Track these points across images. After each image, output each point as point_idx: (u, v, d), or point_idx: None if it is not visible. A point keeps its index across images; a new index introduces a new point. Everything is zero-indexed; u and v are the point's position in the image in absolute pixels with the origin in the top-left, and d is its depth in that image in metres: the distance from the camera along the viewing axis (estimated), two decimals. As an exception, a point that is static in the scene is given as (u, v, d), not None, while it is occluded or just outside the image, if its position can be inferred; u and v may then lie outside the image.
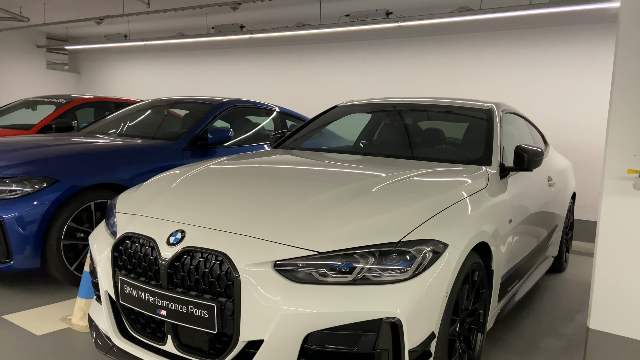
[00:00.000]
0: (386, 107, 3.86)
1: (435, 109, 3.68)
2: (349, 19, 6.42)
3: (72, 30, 10.62)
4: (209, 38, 7.88)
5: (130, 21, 8.83)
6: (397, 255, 1.85)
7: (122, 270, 2.12)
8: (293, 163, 2.98)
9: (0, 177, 3.25)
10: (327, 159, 3.13)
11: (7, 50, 11.21)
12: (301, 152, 3.35)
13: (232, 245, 1.88)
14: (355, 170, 2.76)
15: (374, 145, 3.69)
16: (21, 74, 11.49)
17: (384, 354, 1.76)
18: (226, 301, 1.84)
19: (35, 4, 8.12)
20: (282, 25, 7.36)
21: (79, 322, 2.84)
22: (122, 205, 2.44)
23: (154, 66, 10.84)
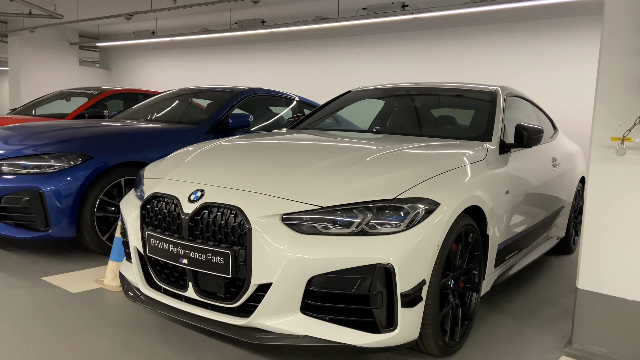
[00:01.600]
0: (396, 91, 4.05)
1: (444, 92, 3.86)
2: (366, 12, 6.61)
3: (103, 27, 11.11)
4: (232, 33, 8.19)
5: (157, 18, 9.22)
6: (392, 210, 2.06)
7: (149, 227, 2.38)
8: (302, 139, 3.22)
9: (39, 153, 3.57)
10: (335, 136, 3.35)
11: (42, 47, 11.79)
12: (312, 131, 3.58)
13: (244, 200, 2.12)
14: (359, 144, 2.97)
15: (382, 125, 3.89)
16: (55, 70, 12.06)
17: (378, 295, 1.97)
18: (239, 249, 2.08)
19: (69, 2, 8.57)
20: (301, 20, 7.61)
21: (111, 282, 3.13)
22: (149, 173, 2.71)
23: (180, 61, 11.24)
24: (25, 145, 3.67)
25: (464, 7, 5.94)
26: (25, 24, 10.92)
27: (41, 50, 11.77)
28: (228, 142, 2.97)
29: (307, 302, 2.03)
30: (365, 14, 6.59)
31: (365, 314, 1.99)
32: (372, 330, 2.00)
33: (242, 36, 8.82)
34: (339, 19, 6.85)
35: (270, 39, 9.12)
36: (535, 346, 2.55)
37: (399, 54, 7.66)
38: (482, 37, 6.97)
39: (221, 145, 2.90)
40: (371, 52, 7.95)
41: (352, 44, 8.21)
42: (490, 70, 6.91)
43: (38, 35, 11.52)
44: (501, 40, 6.86)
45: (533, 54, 6.68)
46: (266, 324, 2.06)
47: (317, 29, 7.71)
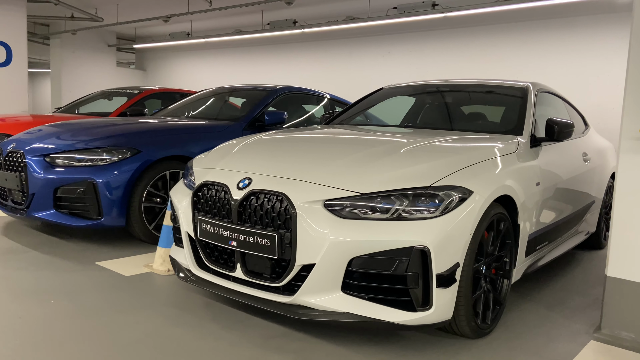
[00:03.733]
0: (428, 87, 4.17)
1: (474, 89, 3.96)
2: (396, 12, 6.73)
3: (140, 30, 11.52)
4: (265, 34, 8.42)
5: (192, 20, 9.54)
6: (428, 197, 2.20)
7: (200, 212, 2.58)
8: (337, 133, 3.38)
9: (92, 147, 3.83)
10: (368, 130, 3.49)
11: (82, 49, 12.31)
12: (346, 126, 3.74)
13: (289, 187, 2.30)
14: (392, 137, 3.11)
15: (414, 121, 4.01)
16: (94, 71, 12.58)
17: (414, 276, 2.11)
18: (285, 232, 2.25)
19: (109, 5, 8.96)
20: (332, 20, 7.77)
21: (159, 267, 3.35)
22: (197, 164, 2.92)
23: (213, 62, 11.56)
24: (78, 140, 3.94)
25: (495, 5, 6.00)
26: (67, 27, 11.43)
27: (81, 52, 12.29)
28: (268, 136, 3.16)
29: (347, 281, 2.19)
30: (395, 14, 6.70)
31: (402, 293, 2.14)
32: (408, 308, 2.14)
33: (274, 37, 9.05)
34: (369, 19, 6.99)
35: (301, 39, 9.33)
36: (565, 331, 2.64)
37: (429, 52, 7.75)
38: (512, 34, 6.99)
39: (262, 138, 3.09)
40: (401, 51, 8.06)
41: (381, 43, 8.34)
42: (520, 68, 6.93)
43: (78, 38, 12.04)
44: (531, 38, 6.87)
45: (564, 52, 6.67)
46: (309, 302, 2.22)
47: (347, 29, 7.86)
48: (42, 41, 13.54)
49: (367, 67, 8.45)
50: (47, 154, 3.81)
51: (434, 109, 4.03)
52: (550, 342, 2.52)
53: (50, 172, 3.72)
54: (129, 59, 15.78)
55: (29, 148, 3.89)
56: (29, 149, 3.87)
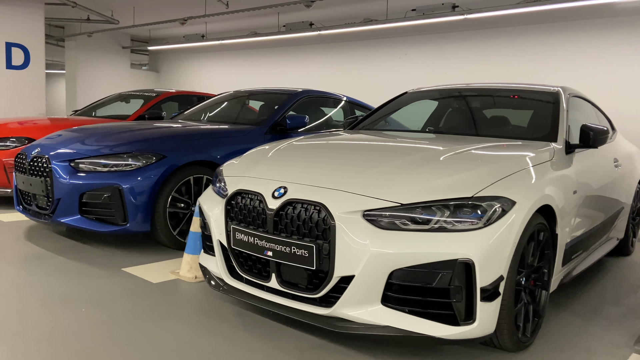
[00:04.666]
0: (454, 92, 4.12)
1: (503, 93, 3.90)
2: (415, 13, 6.67)
3: (154, 31, 11.55)
4: (281, 36, 8.39)
5: (207, 22, 9.54)
6: (470, 208, 2.15)
7: (233, 221, 2.55)
8: (367, 139, 3.34)
9: (117, 152, 3.82)
10: (399, 136, 3.45)
11: (97, 51, 12.37)
12: (373, 131, 3.70)
13: (327, 197, 2.26)
14: (427, 144, 3.06)
15: (443, 126, 3.96)
16: (108, 73, 12.64)
17: (458, 289, 2.07)
18: (323, 243, 2.21)
19: (125, 8, 8.98)
20: (349, 22, 7.73)
21: (186, 274, 3.33)
22: (228, 171, 2.89)
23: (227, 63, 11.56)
24: (103, 145, 3.93)
25: (517, 7, 5.92)
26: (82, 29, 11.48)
27: (95, 54, 12.35)
28: (300, 142, 3.12)
29: (387, 294, 2.14)
30: (414, 15, 6.65)
31: (445, 307, 2.09)
32: (451, 322, 2.09)
33: (289, 39, 9.02)
34: (387, 21, 6.94)
35: (317, 41, 9.29)
36: (605, 343, 2.58)
37: (447, 54, 7.68)
38: (533, 37, 6.91)
39: (294, 145, 3.05)
40: (417, 53, 8.00)
41: (398, 45, 8.28)
42: (541, 70, 6.84)
43: (93, 40, 12.10)
44: (553, 40, 6.78)
45: (586, 54, 6.58)
46: (348, 314, 2.18)
47: (363, 31, 7.82)
48: (57, 43, 13.63)
49: (383, 70, 8.40)
50: (73, 159, 3.80)
51: (460, 114, 3.98)
52: (592, 355, 2.46)
53: (75, 178, 3.71)
54: (142, 60, 15.84)
55: (54, 153, 3.88)
56: (54, 154, 3.87)
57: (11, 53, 8.24)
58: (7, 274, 3.26)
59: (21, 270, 3.35)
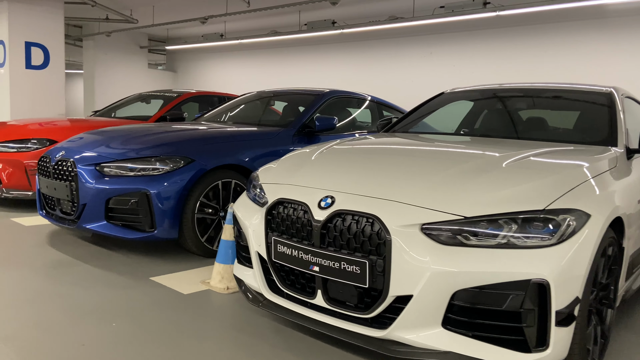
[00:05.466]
0: (495, 92, 3.90)
1: (550, 94, 3.68)
2: (443, 10, 6.45)
3: (172, 31, 11.45)
4: (302, 35, 8.21)
5: (226, 21, 9.39)
6: (542, 222, 1.95)
7: (274, 232, 2.38)
8: (412, 143, 3.14)
9: (144, 156, 3.67)
10: (443, 140, 3.24)
11: (114, 51, 12.31)
12: (412, 135, 3.50)
13: (381, 208, 2.07)
14: (478, 149, 2.85)
15: (483, 129, 3.75)
16: (126, 73, 12.58)
17: (530, 313, 1.87)
18: (377, 259, 2.03)
19: (144, 7, 8.87)
20: (374, 20, 7.52)
21: (218, 284, 3.17)
22: (265, 177, 2.71)
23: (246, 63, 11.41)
24: (128, 149, 3.78)
25: (551, 3, 5.67)
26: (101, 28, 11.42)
27: (113, 54, 12.29)
28: (341, 146, 2.94)
29: (449, 316, 1.95)
30: (442, 13, 6.43)
31: (514, 332, 1.89)
32: (521, 348, 1.89)
33: (310, 37, 8.83)
34: (414, 18, 6.72)
35: (339, 40, 9.10)
36: (680, 369, 2.36)
37: (475, 52, 7.44)
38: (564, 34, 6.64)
39: (335, 149, 2.87)
40: (444, 51, 7.76)
41: (423, 43, 8.05)
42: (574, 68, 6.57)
43: (111, 40, 12.04)
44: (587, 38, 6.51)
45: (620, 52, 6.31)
46: (405, 337, 2.00)
47: (387, 29, 7.61)
48: (74, 42, 13.61)
49: (408, 68, 8.18)
50: (99, 162, 3.66)
51: (503, 116, 3.76)
52: (668, 382, 2.24)
53: (102, 182, 3.57)
54: (158, 60, 15.78)
55: (79, 157, 3.75)
56: (79, 158, 3.74)
57: (31, 53, 8.18)
58: (33, 284, 3.13)
59: (46, 279, 3.21)
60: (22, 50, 8.11)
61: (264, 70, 10.87)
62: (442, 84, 7.88)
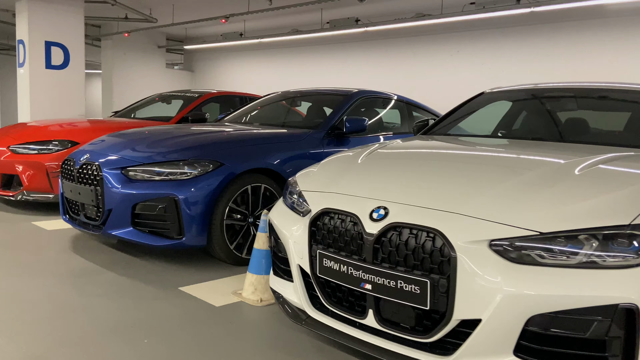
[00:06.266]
0: (543, 92, 3.67)
1: (605, 93, 3.44)
2: (474, 7, 6.21)
3: (190, 30, 11.33)
4: (325, 33, 8.02)
5: (246, 20, 9.24)
6: (627, 239, 1.74)
7: (319, 245, 2.20)
8: (462, 148, 2.93)
9: (171, 160, 3.51)
10: (494, 144, 3.03)
11: (133, 50, 12.25)
12: (459, 138, 3.29)
13: (443, 222, 1.87)
14: (538, 154, 2.63)
15: (537, 131, 3.50)
16: (144, 73, 12.51)
17: (615, 341, 1.66)
18: (439, 278, 1.83)
19: (164, 6, 8.75)
20: (399, 17, 7.31)
21: (250, 296, 2.99)
22: (306, 184, 2.53)
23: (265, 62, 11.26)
24: (154, 152, 3.63)
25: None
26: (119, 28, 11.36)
27: (131, 54, 12.23)
28: (386, 150, 2.75)
29: (522, 343, 1.75)
30: (472, 9, 6.19)
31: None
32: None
33: (333, 36, 8.64)
34: (442, 15, 6.50)
35: (361, 38, 8.89)
36: None
37: (505, 50, 7.18)
38: (605, 32, 6.35)
39: (380, 153, 2.68)
40: (471, 49, 7.51)
41: (450, 41, 7.81)
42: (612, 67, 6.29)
43: (129, 39, 11.98)
44: (627, 35, 6.22)
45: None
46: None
47: (413, 27, 7.38)
48: (92, 42, 13.58)
49: (433, 67, 7.94)
50: (125, 166, 3.52)
51: (552, 118, 3.53)
52: None
53: (128, 187, 3.42)
54: (174, 59, 15.71)
55: (104, 160, 3.61)
56: (104, 161, 3.59)
57: (51, 52, 8.11)
58: (59, 294, 2.98)
59: (72, 289, 3.07)
60: (42, 50, 8.04)
61: (284, 70, 10.70)
62: (469, 83, 7.66)
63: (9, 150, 5.29)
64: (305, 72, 10.22)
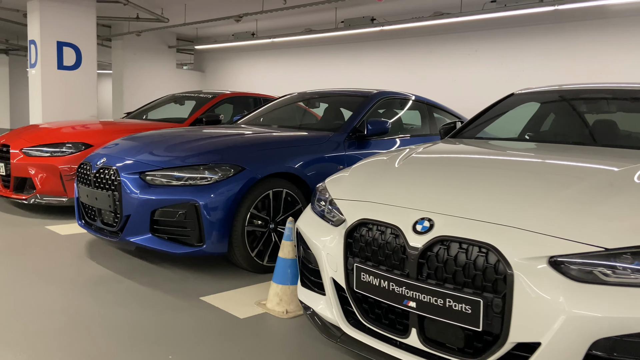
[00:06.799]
0: (578, 93, 3.51)
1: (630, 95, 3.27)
2: (495, 5, 6.05)
3: (201, 30, 11.23)
4: (339, 32, 7.88)
5: (258, 19, 9.12)
6: (702, 255, 1.59)
7: (356, 257, 2.06)
8: (503, 153, 2.78)
9: (191, 164, 3.39)
10: (536, 149, 2.87)
11: (143, 51, 12.17)
12: (494, 142, 3.15)
13: (497, 236, 1.73)
14: (588, 160, 2.48)
15: (576, 135, 3.34)
16: (154, 73, 12.42)
17: (691, 369, 1.51)
18: (494, 297, 1.69)
19: (176, 5, 8.65)
20: (417, 16, 7.15)
21: (275, 307, 2.87)
22: (338, 191, 2.40)
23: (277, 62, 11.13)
24: (173, 156, 3.51)
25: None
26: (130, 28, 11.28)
27: (142, 54, 12.15)
28: (422, 155, 2.60)
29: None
30: (494, 7, 6.03)
31: (672, 392, 1.54)
32: (679, 411, 1.54)
33: (347, 35, 8.50)
34: (461, 14, 6.34)
35: (376, 37, 8.74)
36: None
37: (525, 50, 7.00)
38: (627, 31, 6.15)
39: (416, 158, 2.54)
40: (490, 49, 7.34)
41: (467, 40, 7.64)
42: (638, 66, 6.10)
43: (139, 39, 11.90)
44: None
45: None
46: (529, 393, 1.66)
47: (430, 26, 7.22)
48: (102, 43, 13.53)
49: (450, 67, 7.77)
50: (143, 171, 3.40)
51: (588, 120, 3.37)
52: None
53: (147, 192, 3.30)
54: (184, 59, 15.63)
55: (122, 164, 3.49)
56: (122, 166, 3.48)
57: (62, 53, 8.02)
58: (76, 303, 2.87)
59: (89, 298, 2.96)
60: (54, 50, 7.96)
61: (296, 70, 10.56)
62: (487, 84, 7.48)
63: (21, 152, 5.20)
64: (317, 73, 10.08)
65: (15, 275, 3.31)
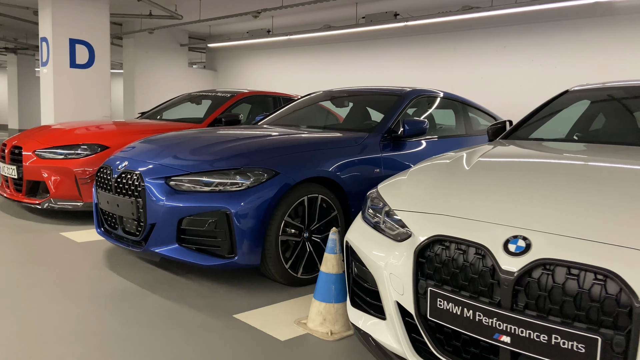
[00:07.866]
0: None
1: None
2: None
3: (214, 28, 10.97)
4: (361, 28, 7.59)
5: (274, 16, 8.84)
6: None
7: (429, 280, 1.77)
8: (585, 158, 2.47)
9: (220, 168, 3.12)
10: (616, 152, 2.56)
11: (155, 49, 11.94)
12: (548, 142, 2.85)
13: (618, 261, 1.44)
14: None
15: (631, 135, 3.06)
16: (166, 72, 12.18)
17: None
18: (615, 334, 1.40)
19: (190, 2, 8.38)
20: (443, 10, 6.84)
21: (318, 327, 2.59)
22: (397, 201, 2.10)
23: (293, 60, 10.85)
24: (200, 160, 3.23)
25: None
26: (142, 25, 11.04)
27: (154, 52, 11.91)
28: (488, 158, 2.31)
29: None
30: (526, 1, 5.71)
31: None
32: None
33: (368, 31, 8.19)
34: (492, 8, 6.03)
35: (398, 34, 8.43)
36: None
37: (558, 45, 6.67)
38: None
39: (486, 163, 2.24)
40: (519, 45, 7.02)
41: (496, 36, 7.32)
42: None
43: (151, 38, 11.66)
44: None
45: None
46: None
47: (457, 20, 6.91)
48: (112, 41, 13.31)
49: (476, 64, 7.46)
50: (169, 176, 3.13)
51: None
52: None
53: (174, 199, 3.03)
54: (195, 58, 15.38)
55: (145, 169, 3.22)
56: (146, 170, 3.21)
57: (75, 51, 7.78)
58: (98, 322, 2.60)
59: (113, 316, 2.69)
60: (67, 48, 7.72)
61: (313, 68, 10.26)
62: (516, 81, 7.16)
63: (34, 154, 4.95)
64: (335, 71, 9.78)
65: (31, 288, 3.05)
